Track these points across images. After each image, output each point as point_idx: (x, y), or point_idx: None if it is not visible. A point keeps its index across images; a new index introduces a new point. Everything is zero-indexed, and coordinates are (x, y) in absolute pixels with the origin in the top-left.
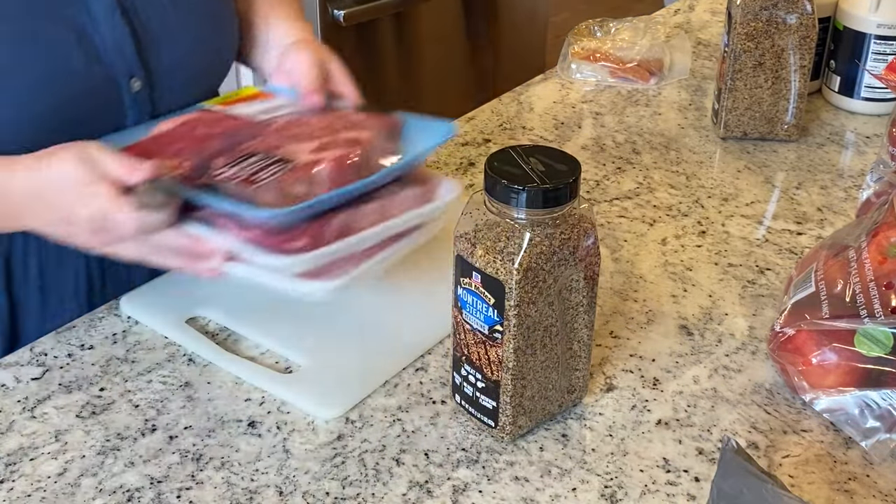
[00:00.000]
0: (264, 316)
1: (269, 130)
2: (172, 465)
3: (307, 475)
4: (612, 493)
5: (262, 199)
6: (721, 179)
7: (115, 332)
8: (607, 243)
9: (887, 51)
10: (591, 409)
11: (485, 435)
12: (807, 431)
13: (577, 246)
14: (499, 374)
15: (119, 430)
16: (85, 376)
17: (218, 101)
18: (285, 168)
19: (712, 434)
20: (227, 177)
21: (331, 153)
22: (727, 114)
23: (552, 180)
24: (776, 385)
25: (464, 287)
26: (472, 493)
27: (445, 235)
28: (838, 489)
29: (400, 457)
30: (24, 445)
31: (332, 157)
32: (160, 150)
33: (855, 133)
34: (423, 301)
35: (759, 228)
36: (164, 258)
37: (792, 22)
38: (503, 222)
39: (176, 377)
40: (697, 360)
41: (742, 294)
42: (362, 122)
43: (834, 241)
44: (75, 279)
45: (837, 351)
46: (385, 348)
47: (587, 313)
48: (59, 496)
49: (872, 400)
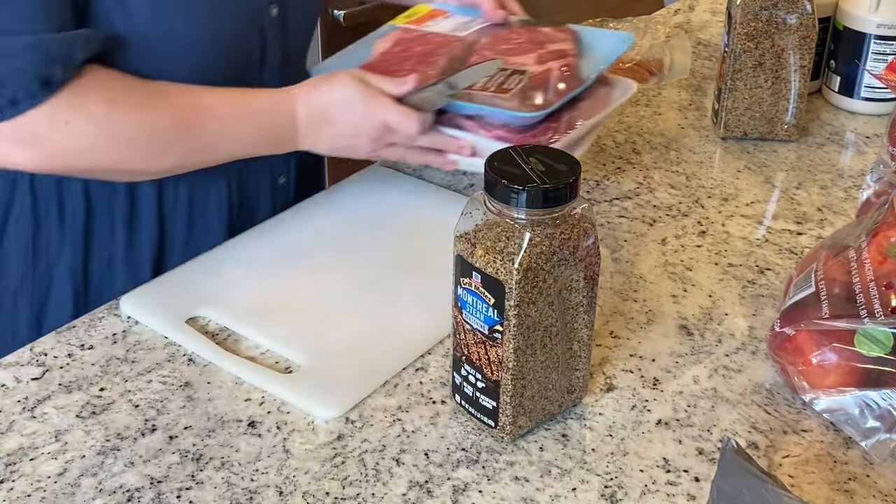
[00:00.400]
0: (264, 316)
1: (480, 46)
2: (172, 465)
3: (307, 475)
4: (612, 493)
5: (509, 104)
6: (721, 179)
7: (115, 332)
8: (607, 243)
9: (887, 51)
10: (591, 409)
11: (485, 435)
12: (807, 431)
13: (577, 246)
14: (499, 374)
15: (119, 430)
16: (85, 376)
17: (403, 20)
18: (524, 78)
19: (712, 434)
20: (481, 87)
21: (554, 63)
22: (727, 114)
23: (552, 180)
24: (776, 385)
25: (464, 287)
26: (472, 493)
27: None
28: (838, 489)
29: (400, 457)
30: (24, 445)
31: (557, 66)
32: (394, 67)
33: (855, 133)
34: (423, 301)
35: (759, 228)
36: (422, 156)
37: (792, 22)
38: (503, 222)
39: (176, 377)
40: (697, 360)
41: (742, 294)
42: (553, 34)
43: (834, 241)
44: (218, 204)
45: (837, 351)
46: (385, 348)
47: (587, 313)
48: (59, 496)
49: (872, 400)
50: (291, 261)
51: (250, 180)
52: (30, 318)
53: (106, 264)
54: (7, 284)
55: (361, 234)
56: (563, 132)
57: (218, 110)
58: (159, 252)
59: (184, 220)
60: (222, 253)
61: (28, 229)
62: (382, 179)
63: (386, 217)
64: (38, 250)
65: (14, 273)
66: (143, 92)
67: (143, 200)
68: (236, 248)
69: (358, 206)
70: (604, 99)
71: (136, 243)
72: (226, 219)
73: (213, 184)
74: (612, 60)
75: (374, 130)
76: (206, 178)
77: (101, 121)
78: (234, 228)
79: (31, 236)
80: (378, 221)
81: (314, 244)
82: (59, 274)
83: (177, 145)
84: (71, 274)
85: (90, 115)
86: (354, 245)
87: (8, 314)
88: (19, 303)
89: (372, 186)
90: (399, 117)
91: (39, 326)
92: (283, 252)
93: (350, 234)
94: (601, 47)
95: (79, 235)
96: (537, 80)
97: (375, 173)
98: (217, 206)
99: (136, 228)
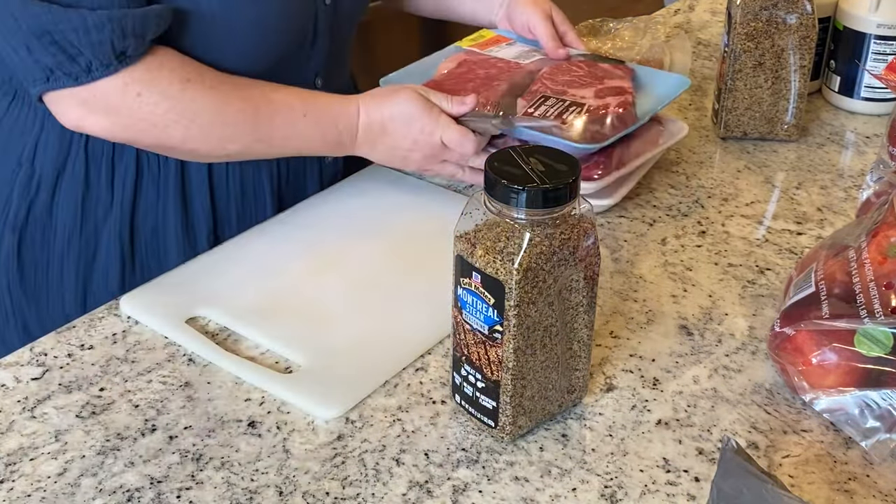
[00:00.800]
0: (264, 316)
1: (541, 75)
2: (172, 465)
3: (307, 475)
4: (612, 493)
5: (566, 135)
6: (721, 179)
7: (115, 332)
8: (607, 243)
9: (887, 51)
10: (591, 409)
11: (485, 435)
12: (807, 431)
13: (577, 246)
14: (499, 374)
15: (119, 430)
16: (85, 376)
17: (468, 43)
18: (581, 110)
19: (712, 434)
20: (541, 115)
21: (612, 99)
22: (727, 114)
23: (552, 180)
24: (776, 385)
25: (464, 287)
26: (472, 493)
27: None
28: (838, 489)
29: (400, 457)
30: (24, 445)
31: (614, 103)
32: (457, 88)
33: (855, 133)
34: (423, 301)
35: (759, 228)
36: (472, 176)
37: (792, 22)
38: (503, 222)
39: (176, 377)
40: (697, 360)
41: (742, 294)
42: (611, 71)
43: (834, 241)
44: (269, 177)
45: (837, 351)
46: (385, 348)
47: (587, 313)
48: (59, 496)
49: (872, 400)
50: (291, 261)
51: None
52: (76, 280)
53: (152, 232)
54: (55, 243)
55: (361, 234)
56: (614, 168)
57: (286, 106)
58: (214, 223)
59: (237, 193)
60: (222, 253)
61: (79, 191)
62: (382, 179)
63: (386, 217)
64: (86, 212)
65: (62, 233)
66: (216, 77)
67: (194, 174)
68: (236, 248)
69: (358, 206)
70: (654, 138)
71: (190, 215)
72: (275, 192)
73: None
74: (667, 102)
75: (431, 147)
76: None
77: (173, 98)
78: (283, 202)
79: (80, 198)
80: (378, 221)
81: (314, 244)
82: (106, 238)
83: (244, 133)
84: (118, 239)
85: (163, 92)
86: (354, 245)
87: (55, 273)
88: (66, 263)
89: (372, 186)
90: (456, 137)
91: (85, 289)
92: (283, 252)
93: (350, 234)
94: (657, 87)
95: (127, 202)
96: (595, 114)
97: (375, 173)
98: (269, 182)
99: (188, 200)
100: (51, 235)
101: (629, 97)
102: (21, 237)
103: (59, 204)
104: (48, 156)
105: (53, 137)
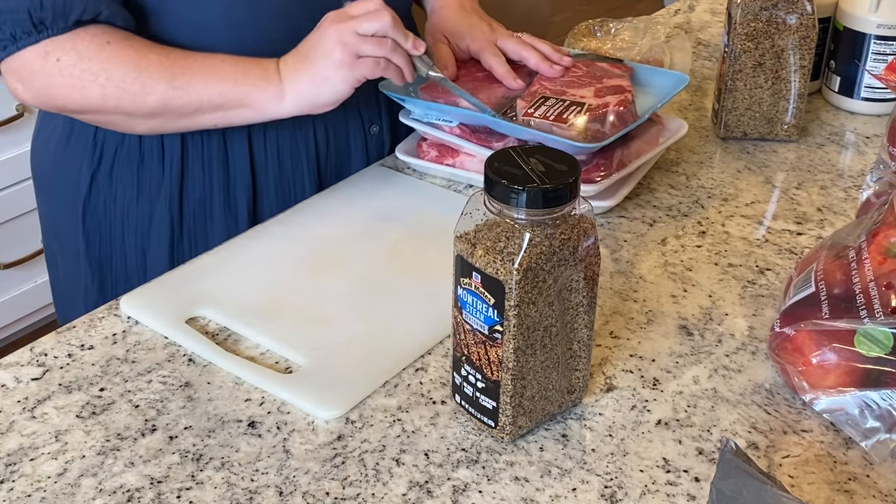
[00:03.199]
0: (264, 316)
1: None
2: (172, 466)
3: (307, 475)
4: (612, 494)
5: (566, 134)
6: (721, 179)
7: (115, 332)
8: (607, 243)
9: (887, 51)
10: (591, 410)
11: (485, 435)
12: (807, 431)
13: (577, 246)
14: (499, 375)
15: (119, 430)
16: (85, 376)
17: None
18: (581, 110)
19: (712, 434)
20: (541, 115)
21: (612, 98)
22: (727, 114)
23: (552, 180)
24: (776, 385)
25: (464, 287)
26: (472, 494)
27: (445, 235)
28: (838, 489)
29: (400, 457)
30: (24, 445)
31: (614, 101)
32: None
33: (855, 133)
34: (423, 301)
35: (759, 228)
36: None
37: (792, 22)
38: (503, 222)
39: (176, 377)
40: (697, 361)
41: (742, 294)
42: (610, 70)
43: (834, 241)
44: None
45: (837, 351)
46: (385, 348)
47: (587, 313)
48: (59, 496)
49: (872, 400)
50: (291, 261)
51: (340, 131)
52: (136, 247)
53: (199, 203)
54: (116, 213)
55: (361, 234)
56: (615, 168)
57: (204, 56)
58: (254, 200)
59: (275, 170)
60: (222, 253)
61: (134, 163)
62: (382, 179)
63: (386, 217)
64: (141, 184)
65: (121, 203)
66: (139, 40)
67: (236, 146)
68: (236, 248)
69: (358, 206)
70: (654, 137)
71: (231, 186)
72: (315, 170)
73: (301, 133)
74: (666, 100)
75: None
76: (293, 128)
77: (89, 59)
78: (325, 180)
79: (136, 170)
80: (378, 221)
81: (314, 244)
82: (160, 209)
83: (160, 81)
84: (168, 209)
85: (79, 52)
86: (354, 245)
87: (118, 242)
88: (126, 233)
89: (372, 186)
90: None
91: (145, 258)
92: (283, 252)
93: (350, 234)
94: (656, 86)
95: (176, 176)
96: (595, 113)
97: (375, 173)
98: (306, 157)
99: (230, 172)
100: (112, 206)
101: (629, 95)
102: (85, 207)
103: (118, 176)
104: (109, 130)
105: None
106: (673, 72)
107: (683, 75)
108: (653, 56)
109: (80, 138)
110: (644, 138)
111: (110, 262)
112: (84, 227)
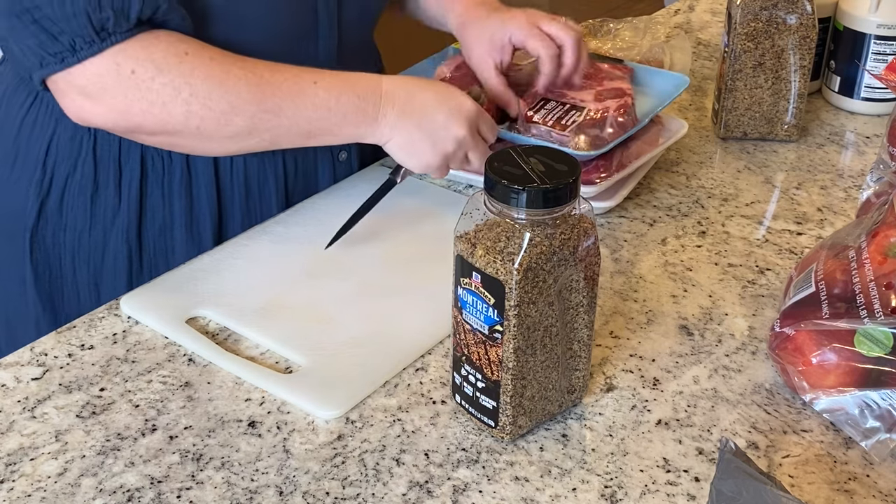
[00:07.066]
0: (264, 316)
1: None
2: (172, 465)
3: (307, 475)
4: (612, 493)
5: (566, 140)
6: (721, 179)
7: (115, 332)
8: (607, 243)
9: (887, 51)
10: (591, 409)
11: (485, 435)
12: (807, 431)
13: (577, 246)
14: (499, 374)
15: (119, 430)
16: (85, 376)
17: None
18: (581, 114)
19: (712, 434)
20: (540, 120)
21: (612, 102)
22: (727, 114)
23: (552, 180)
24: (776, 385)
25: (464, 287)
26: (472, 493)
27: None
28: (838, 489)
29: (400, 457)
30: (24, 445)
31: (614, 105)
32: None
33: (855, 133)
34: (423, 301)
35: (759, 228)
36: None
37: (792, 22)
38: (503, 222)
39: (176, 377)
40: (697, 360)
41: (742, 294)
42: (610, 72)
43: (834, 241)
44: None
45: (837, 351)
46: (385, 348)
47: (587, 313)
48: (59, 496)
49: (872, 400)
50: (291, 261)
51: (308, 158)
52: (88, 280)
53: (160, 232)
54: (66, 244)
55: (361, 234)
56: (615, 169)
57: (294, 75)
58: (219, 221)
59: (241, 197)
60: (222, 253)
61: (87, 192)
62: (382, 179)
63: (386, 217)
64: (95, 213)
65: (72, 233)
66: (217, 51)
67: (200, 171)
68: (236, 248)
69: (358, 206)
70: (654, 138)
71: (195, 213)
72: (283, 196)
73: (269, 160)
74: (667, 102)
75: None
76: (261, 154)
77: (170, 71)
78: (292, 201)
79: (89, 199)
80: (378, 221)
81: (314, 244)
82: (114, 239)
83: (249, 102)
84: (125, 239)
85: (157, 65)
86: (354, 245)
87: (68, 274)
88: (77, 264)
89: (372, 186)
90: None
91: (98, 289)
92: (283, 252)
93: (350, 234)
94: (657, 87)
95: (134, 203)
96: (595, 118)
97: (375, 173)
98: (275, 183)
99: (195, 198)
100: (61, 236)
101: (629, 99)
102: (33, 237)
103: (68, 205)
104: (60, 157)
105: (65, 139)
106: (673, 73)
107: (684, 77)
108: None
109: (25, 165)
110: (644, 139)
111: (61, 294)
112: (32, 259)
